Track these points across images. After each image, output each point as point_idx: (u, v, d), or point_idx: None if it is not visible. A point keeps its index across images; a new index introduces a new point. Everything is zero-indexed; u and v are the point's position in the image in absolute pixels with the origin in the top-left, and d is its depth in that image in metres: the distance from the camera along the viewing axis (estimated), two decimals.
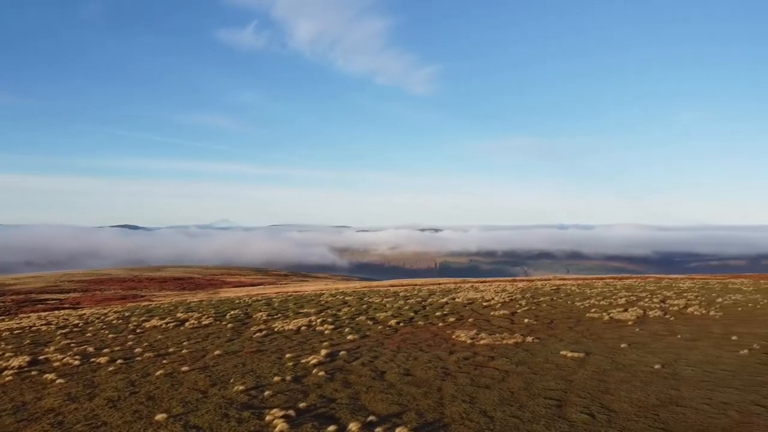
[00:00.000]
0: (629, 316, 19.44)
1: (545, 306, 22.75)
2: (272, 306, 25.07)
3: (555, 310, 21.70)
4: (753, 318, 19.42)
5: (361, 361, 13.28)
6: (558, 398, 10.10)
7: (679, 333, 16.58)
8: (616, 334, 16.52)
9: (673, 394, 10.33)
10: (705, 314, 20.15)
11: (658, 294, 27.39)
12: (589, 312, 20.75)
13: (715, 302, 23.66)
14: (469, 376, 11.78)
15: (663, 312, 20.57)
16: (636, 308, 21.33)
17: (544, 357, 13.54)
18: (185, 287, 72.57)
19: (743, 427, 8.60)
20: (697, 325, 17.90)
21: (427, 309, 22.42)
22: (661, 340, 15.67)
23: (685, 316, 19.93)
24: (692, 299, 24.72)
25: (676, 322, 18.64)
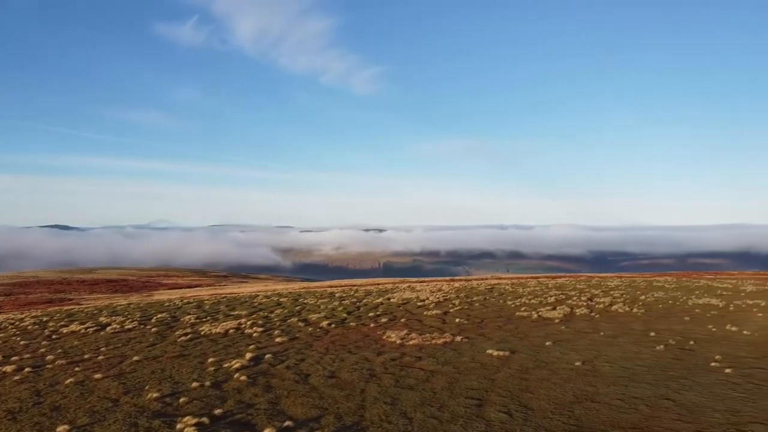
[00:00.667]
0: (557, 315, 19.92)
1: (478, 305, 23.05)
2: (203, 309, 24.34)
3: (487, 309, 22.01)
4: (672, 314, 20.27)
5: (286, 365, 13.00)
6: (479, 397, 10.16)
7: (602, 330, 17.09)
8: (543, 333, 16.86)
9: (590, 390, 10.58)
10: (628, 311, 20.89)
11: (586, 292, 28.28)
12: (519, 311, 21.15)
13: (638, 300, 24.61)
14: (395, 377, 11.71)
15: (589, 310, 21.20)
16: (564, 306, 21.90)
17: (470, 356, 13.64)
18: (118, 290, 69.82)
19: (651, 421, 8.86)
20: (619, 323, 18.52)
21: (361, 310, 22.31)
22: (584, 337, 16.09)
23: (610, 313, 20.59)
24: (618, 297, 25.63)
25: (600, 319, 19.23)
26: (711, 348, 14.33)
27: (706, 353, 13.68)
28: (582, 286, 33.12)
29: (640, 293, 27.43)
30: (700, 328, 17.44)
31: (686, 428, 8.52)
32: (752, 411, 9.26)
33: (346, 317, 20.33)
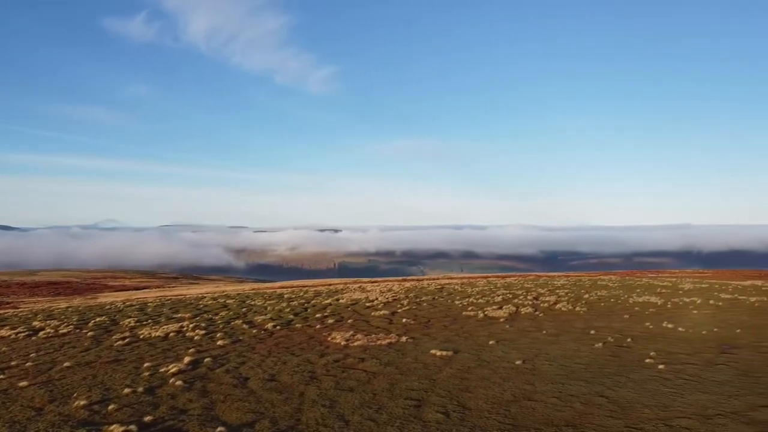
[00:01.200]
0: (502, 314, 20.16)
1: (426, 305, 23.13)
2: (145, 311, 23.58)
3: (434, 309, 22.11)
4: (612, 313, 20.81)
5: (225, 368, 12.68)
6: (419, 398, 10.12)
7: (545, 329, 17.38)
8: (487, 332, 17.02)
9: (528, 388, 10.69)
10: (571, 310, 21.33)
11: (533, 291, 28.78)
12: (466, 310, 21.32)
13: (582, 298, 25.19)
14: (335, 379, 11.57)
15: (534, 309, 21.56)
16: (510, 306, 22.20)
17: (413, 357, 13.62)
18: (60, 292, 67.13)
19: (584, 418, 9.01)
20: (562, 321, 18.88)
21: (308, 311, 22.05)
22: (527, 336, 16.32)
23: (554, 312, 20.99)
24: (563, 296, 26.18)
25: (544, 318, 19.58)
26: (647, 345, 14.75)
27: (642, 350, 14.05)
28: (529, 285, 33.71)
29: (584, 292, 28.10)
30: (638, 325, 17.95)
31: (617, 424, 8.69)
32: (681, 406, 9.52)
33: (292, 319, 20.05)
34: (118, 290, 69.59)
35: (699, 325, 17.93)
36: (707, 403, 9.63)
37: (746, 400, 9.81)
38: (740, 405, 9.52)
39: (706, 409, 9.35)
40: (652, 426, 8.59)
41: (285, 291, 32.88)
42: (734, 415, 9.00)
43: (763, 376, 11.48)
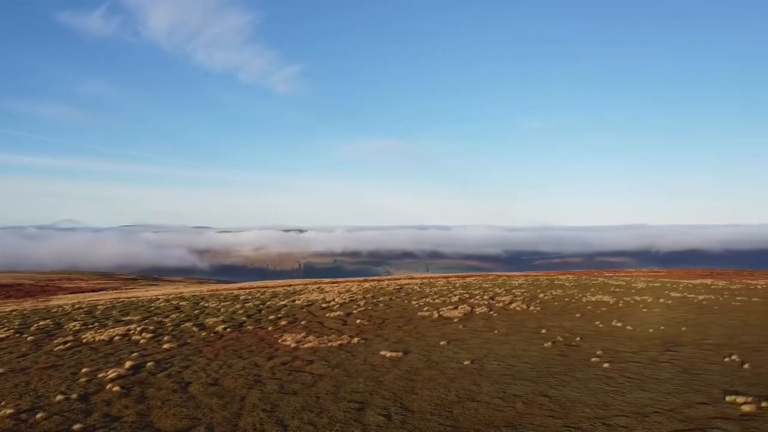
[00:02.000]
0: (457, 314, 20.19)
1: (382, 306, 23.02)
2: (93, 314, 22.83)
3: (390, 309, 22.02)
4: (565, 312, 21.07)
5: (168, 372, 12.32)
6: (362, 401, 9.98)
7: (497, 329, 17.45)
8: (440, 332, 17.00)
9: (473, 389, 10.66)
10: (525, 309, 21.52)
11: (490, 291, 28.99)
12: (422, 311, 21.30)
13: (537, 298, 25.47)
14: (280, 382, 11.34)
15: (489, 308, 21.67)
16: (465, 305, 22.27)
17: (363, 358, 13.48)
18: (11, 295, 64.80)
19: (524, 418, 9.01)
20: (515, 321, 19.01)
21: (262, 312, 21.69)
22: (479, 336, 16.36)
23: (508, 312, 21.13)
24: (518, 296, 26.42)
25: (497, 318, 19.68)
26: (595, 344, 14.93)
27: (590, 349, 14.22)
28: (487, 285, 33.97)
29: (540, 292, 28.42)
30: (589, 324, 18.19)
31: (556, 424, 8.71)
32: (620, 404, 9.61)
33: (244, 321, 19.68)
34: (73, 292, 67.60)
35: (647, 323, 18.28)
36: (646, 401, 9.75)
37: (684, 397, 9.97)
38: (677, 402, 9.67)
39: (644, 407, 9.46)
40: (589, 425, 8.64)
41: (242, 292, 32.36)
42: (670, 413, 9.12)
43: (702, 373, 11.72)
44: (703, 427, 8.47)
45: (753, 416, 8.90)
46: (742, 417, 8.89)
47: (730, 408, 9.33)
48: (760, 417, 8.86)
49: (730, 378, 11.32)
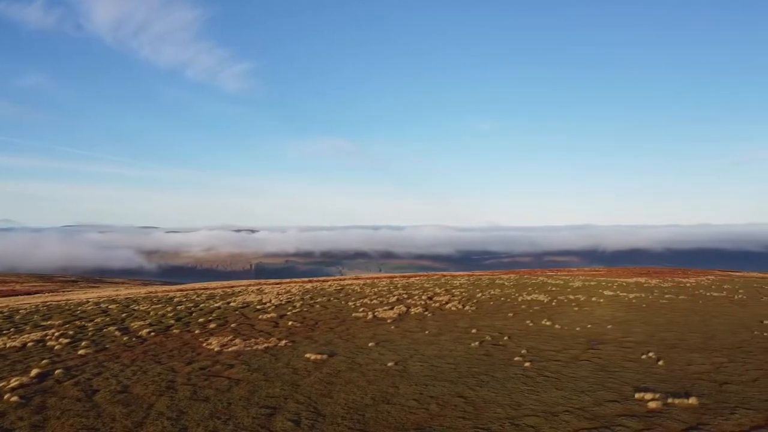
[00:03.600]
0: (392, 315, 20.10)
1: (318, 307, 22.72)
2: (12, 319, 21.63)
3: (326, 310, 21.74)
4: (499, 311, 21.27)
5: (76, 380, 11.70)
6: (274, 406, 9.71)
7: (429, 329, 17.43)
8: (371, 333, 16.85)
9: (391, 391, 10.53)
10: (461, 309, 21.62)
11: (430, 291, 29.07)
12: (357, 312, 21.11)
13: (474, 297, 25.67)
14: (194, 388, 10.93)
15: (425, 309, 21.67)
16: (402, 306, 22.21)
17: (286, 361, 13.19)
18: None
19: (435, 420, 8.92)
20: (448, 321, 19.05)
21: (193, 315, 21.04)
22: (409, 336, 16.28)
23: (443, 312, 21.18)
24: (456, 295, 26.58)
25: (432, 318, 19.68)
26: (521, 343, 15.08)
27: (515, 348, 14.34)
28: (429, 285, 34.09)
29: (479, 291, 28.68)
30: (519, 323, 18.39)
31: (465, 425, 8.66)
32: (533, 404, 9.66)
33: (172, 324, 19.03)
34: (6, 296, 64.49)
35: (575, 322, 18.63)
36: (558, 400, 9.84)
37: (596, 395, 10.12)
38: (588, 400, 9.79)
39: (555, 405, 9.54)
40: (498, 425, 8.63)
41: (178, 294, 31.46)
42: (579, 411, 9.22)
43: (619, 371, 11.95)
44: (608, 425, 8.58)
45: (657, 413, 9.08)
46: (647, 414, 9.06)
47: (637, 405, 9.51)
48: (664, 413, 9.04)
49: (644, 375, 11.58)
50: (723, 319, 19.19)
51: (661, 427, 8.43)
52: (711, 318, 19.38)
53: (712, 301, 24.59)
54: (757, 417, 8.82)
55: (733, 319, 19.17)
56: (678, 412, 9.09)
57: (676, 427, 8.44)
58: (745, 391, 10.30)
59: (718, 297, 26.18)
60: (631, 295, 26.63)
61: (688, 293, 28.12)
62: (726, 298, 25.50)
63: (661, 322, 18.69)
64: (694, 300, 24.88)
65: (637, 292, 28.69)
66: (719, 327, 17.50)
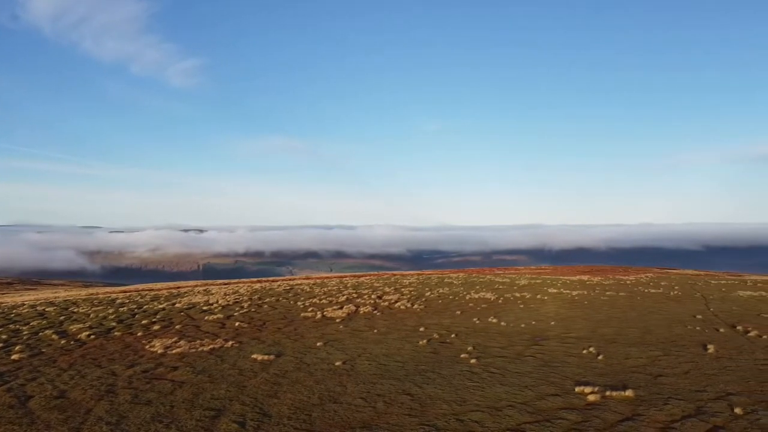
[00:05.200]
0: (341, 314, 20.06)
1: (266, 307, 22.45)
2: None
3: (275, 311, 21.51)
4: (447, 309, 21.54)
5: (8, 386, 11.18)
6: (219, 408, 9.54)
7: (377, 328, 17.50)
8: (320, 333, 16.78)
9: (338, 390, 10.52)
10: (409, 308, 21.79)
11: (380, 290, 29.16)
12: (306, 311, 20.97)
13: (423, 296, 25.92)
14: (136, 391, 10.62)
15: (374, 308, 21.73)
16: (351, 305, 22.21)
17: (232, 362, 12.98)
18: None
19: (381, 418, 8.97)
20: (396, 319, 19.16)
21: (136, 317, 20.43)
22: (358, 335, 16.29)
23: (392, 310, 21.29)
24: (406, 294, 26.77)
25: (381, 317, 19.76)
26: (468, 340, 15.32)
27: (462, 345, 14.56)
28: (379, 284, 34.21)
29: (428, 290, 28.97)
30: (467, 321, 18.68)
31: (411, 422, 8.74)
32: (478, 399, 9.84)
33: (114, 326, 18.43)
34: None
35: (520, 319, 19.07)
36: (503, 395, 10.05)
37: (538, 390, 10.39)
38: (531, 395, 10.04)
39: (499, 401, 9.74)
40: (444, 421, 8.74)
41: (121, 296, 30.48)
42: (522, 406, 9.44)
43: (561, 366, 12.31)
44: (550, 418, 8.83)
45: (596, 405, 9.41)
46: (587, 406, 9.37)
47: (577, 398, 9.82)
48: (602, 406, 9.37)
49: (584, 369, 11.97)
50: (659, 314, 20.02)
51: (599, 419, 8.73)
52: (648, 314, 20.19)
53: (649, 297, 25.61)
54: (687, 407, 9.25)
55: (668, 314, 20.02)
56: (615, 404, 9.44)
57: (612, 418, 8.76)
58: (677, 383, 10.79)
59: (656, 293, 27.28)
60: (574, 293, 27.45)
61: (628, 290, 29.19)
62: (662, 295, 26.60)
63: (601, 318, 19.35)
64: (633, 296, 25.86)
65: (580, 289, 29.59)
66: (655, 322, 18.26)
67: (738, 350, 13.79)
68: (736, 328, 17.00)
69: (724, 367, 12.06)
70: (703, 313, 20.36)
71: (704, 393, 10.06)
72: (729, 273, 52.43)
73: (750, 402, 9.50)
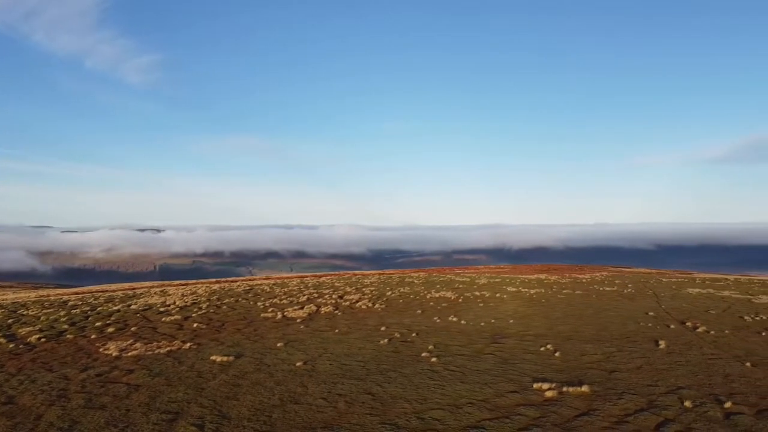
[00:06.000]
0: (302, 314, 19.93)
1: (225, 308, 22.11)
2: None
3: (234, 311, 21.20)
4: (408, 309, 21.64)
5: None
6: (176, 411, 9.36)
7: (339, 327, 17.44)
8: (280, 333, 16.63)
9: (299, 391, 10.45)
10: (370, 307, 21.80)
11: (341, 290, 29.08)
12: (266, 312, 20.74)
13: (384, 295, 25.97)
14: (89, 396, 10.32)
15: (335, 308, 21.65)
16: (312, 305, 22.08)
17: (190, 364, 12.74)
18: None
19: (343, 418, 8.96)
20: (357, 319, 19.15)
21: (90, 319, 19.82)
22: (319, 335, 16.21)
23: (354, 310, 21.26)
24: (367, 294, 26.77)
25: (342, 316, 19.70)
26: (428, 339, 15.43)
27: (422, 344, 14.65)
28: (340, 284, 34.11)
29: (389, 289, 29.04)
30: (427, 320, 18.81)
31: (373, 421, 8.76)
32: (439, 397, 9.92)
33: (66, 329, 17.82)
34: None
35: (480, 317, 19.31)
36: (463, 393, 10.17)
37: (497, 387, 10.55)
38: (490, 392, 10.19)
39: (459, 398, 9.86)
40: (405, 420, 8.79)
41: (74, 298, 29.54)
42: (482, 403, 9.58)
43: (519, 363, 12.53)
44: (508, 415, 8.98)
45: (553, 401, 9.62)
46: (544, 402, 9.58)
47: (535, 395, 10.03)
48: (559, 401, 9.59)
49: (542, 366, 12.22)
50: (614, 311, 20.58)
51: (556, 415, 8.93)
52: (603, 311, 20.73)
53: (604, 295, 26.28)
54: (640, 401, 9.57)
55: (622, 312, 20.61)
56: (571, 399, 9.68)
57: (569, 413, 8.97)
58: (630, 378, 11.13)
59: (610, 291, 28.02)
60: (532, 291, 27.95)
61: (584, 288, 29.89)
62: (617, 293, 27.34)
63: (558, 315, 19.77)
64: (589, 294, 26.50)
65: (538, 288, 30.15)
66: (610, 319, 18.77)
67: (687, 345, 14.32)
68: (686, 325, 17.63)
69: (675, 362, 12.50)
70: (655, 310, 21.03)
71: (656, 387, 10.42)
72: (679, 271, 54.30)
73: (699, 395, 9.88)
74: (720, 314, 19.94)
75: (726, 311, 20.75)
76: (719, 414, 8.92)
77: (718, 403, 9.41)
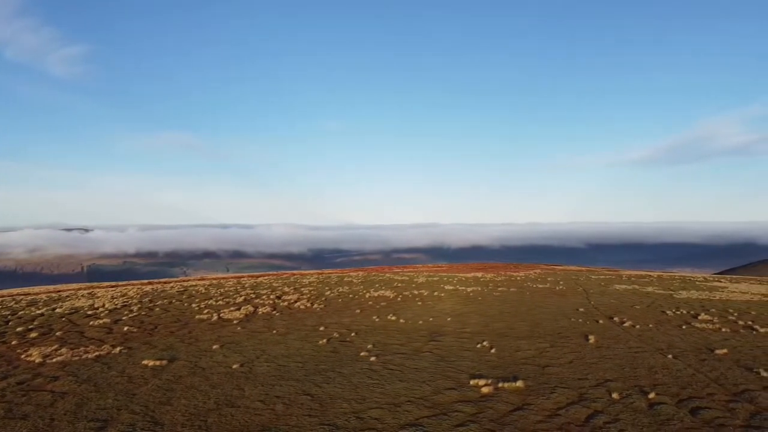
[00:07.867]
0: (238, 315, 19.54)
1: (158, 310, 21.38)
2: None
3: (167, 314, 20.54)
4: (347, 308, 21.62)
5: None
6: (106, 418, 8.96)
7: (276, 328, 17.22)
8: (216, 335, 16.24)
9: (235, 394, 10.23)
10: (309, 307, 21.64)
11: (279, 290, 28.72)
12: (201, 313, 20.21)
13: (323, 295, 25.86)
14: (9, 405, 9.73)
15: (273, 308, 21.36)
16: (249, 306, 21.69)
17: (120, 369, 12.24)
18: None
19: (281, 420, 8.83)
20: (296, 319, 18.96)
21: (10, 324, 18.72)
22: (256, 337, 15.94)
23: (292, 310, 21.03)
24: (305, 294, 26.57)
25: (280, 317, 19.46)
26: (367, 338, 15.47)
27: (361, 343, 14.67)
28: (278, 284, 33.70)
29: (328, 289, 28.94)
30: (366, 319, 18.85)
31: (311, 422, 8.69)
32: (378, 396, 9.96)
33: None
34: None
35: (418, 316, 19.53)
36: (401, 391, 10.24)
37: (435, 384, 10.69)
38: (428, 390, 10.31)
39: (398, 396, 9.92)
40: (344, 420, 8.77)
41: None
42: (421, 400, 9.68)
43: (456, 360, 12.74)
44: (446, 411, 9.11)
45: (489, 397, 9.85)
46: (481, 398, 9.78)
47: (472, 391, 10.22)
48: (495, 397, 9.82)
49: (478, 363, 12.48)
50: (546, 308, 21.29)
51: (492, 410, 9.13)
52: (536, 308, 21.41)
53: (537, 292, 27.14)
54: (571, 395, 9.94)
55: (554, 308, 21.34)
56: (507, 394, 9.94)
57: (504, 408, 9.21)
58: (562, 372, 11.55)
59: (543, 288, 28.97)
60: (469, 289, 28.52)
61: (518, 286, 30.77)
62: (549, 290, 28.30)
63: (494, 313, 20.25)
64: (523, 292, 27.30)
65: (474, 286, 30.79)
66: (543, 316, 19.41)
67: (615, 340, 14.99)
68: (613, 320, 18.46)
69: (603, 356, 13.06)
70: (585, 306, 21.91)
71: (586, 381, 10.85)
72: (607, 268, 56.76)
73: (625, 387, 10.37)
74: (644, 309, 21.00)
75: (650, 306, 21.86)
76: (644, 404, 9.38)
77: (643, 394, 9.89)
